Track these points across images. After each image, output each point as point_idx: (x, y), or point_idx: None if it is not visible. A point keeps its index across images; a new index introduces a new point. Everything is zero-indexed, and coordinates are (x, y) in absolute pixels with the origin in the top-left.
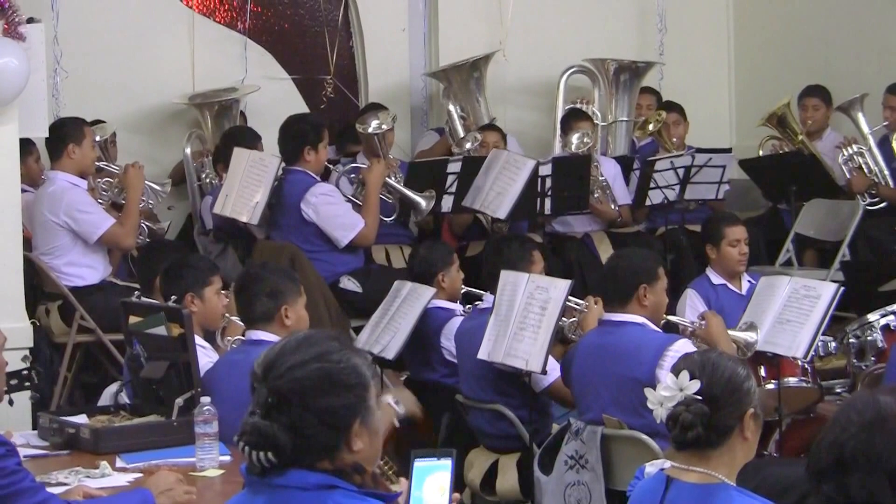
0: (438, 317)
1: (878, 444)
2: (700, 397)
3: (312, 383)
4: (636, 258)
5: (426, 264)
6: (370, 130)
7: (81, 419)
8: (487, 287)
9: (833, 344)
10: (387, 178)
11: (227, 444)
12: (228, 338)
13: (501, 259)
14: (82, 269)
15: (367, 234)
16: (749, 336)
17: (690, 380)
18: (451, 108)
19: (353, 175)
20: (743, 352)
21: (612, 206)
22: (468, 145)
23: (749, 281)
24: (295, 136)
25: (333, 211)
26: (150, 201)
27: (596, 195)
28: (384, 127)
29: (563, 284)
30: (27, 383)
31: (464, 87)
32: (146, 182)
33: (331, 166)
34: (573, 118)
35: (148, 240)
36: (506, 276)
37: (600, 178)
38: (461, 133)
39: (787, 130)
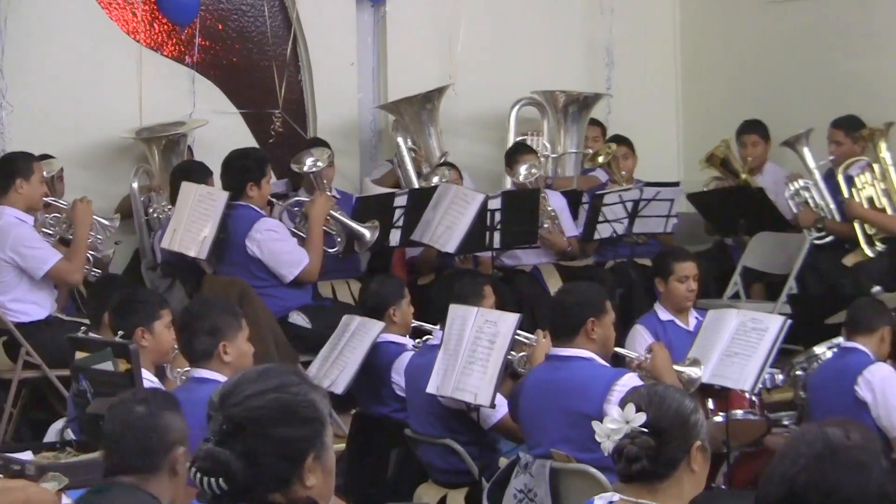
0: (390, 351)
1: (830, 475)
2: (646, 430)
3: (269, 413)
4: (584, 292)
5: (378, 298)
6: (305, 169)
7: (27, 456)
8: (438, 322)
9: (780, 376)
10: (330, 211)
11: None
12: (178, 370)
13: (453, 294)
14: (28, 305)
15: (311, 270)
16: (693, 371)
17: (637, 412)
18: (400, 140)
19: (296, 209)
20: (686, 387)
21: (562, 237)
22: (436, 180)
23: (696, 318)
24: (238, 172)
25: (279, 247)
26: (99, 236)
27: (546, 226)
28: (320, 164)
29: (512, 318)
30: None
31: (415, 119)
32: (94, 217)
33: (276, 201)
34: (518, 152)
35: (94, 269)
36: (454, 311)
37: (549, 209)
38: (410, 166)
39: (728, 171)
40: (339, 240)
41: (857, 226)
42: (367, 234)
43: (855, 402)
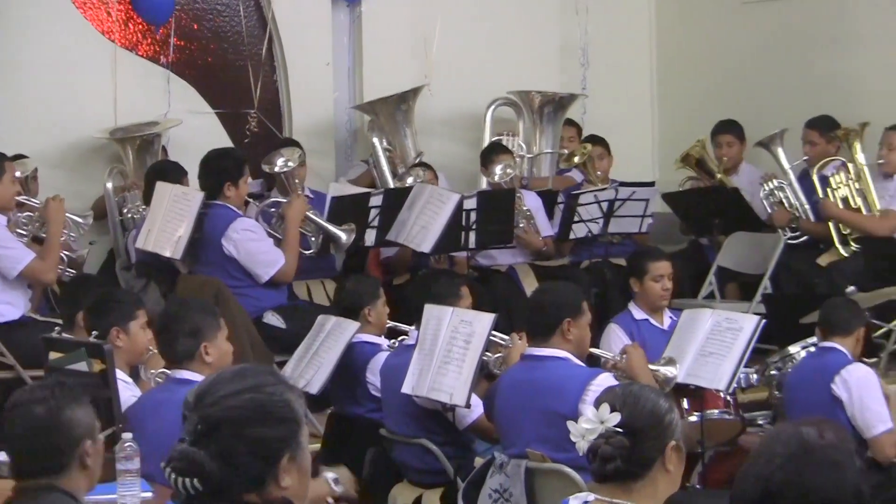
0: (365, 351)
1: (805, 475)
2: (621, 430)
3: (244, 413)
4: (561, 292)
5: (353, 298)
6: (276, 169)
7: (1, 456)
8: (413, 322)
9: (755, 376)
10: (307, 213)
11: (149, 481)
12: (152, 371)
13: (429, 294)
14: (2, 305)
15: (286, 271)
16: (668, 371)
17: (611, 412)
18: (376, 141)
19: (273, 209)
20: (662, 386)
21: (538, 236)
22: (410, 180)
23: (671, 317)
24: (216, 172)
25: (255, 247)
26: (72, 234)
27: (521, 225)
28: (290, 164)
29: (488, 318)
30: None
31: (390, 119)
32: (67, 214)
33: (252, 201)
34: (493, 152)
35: (69, 269)
36: (430, 311)
37: (524, 209)
38: (385, 166)
39: (703, 171)
40: (313, 239)
41: (831, 226)
42: (342, 236)
43: (831, 399)
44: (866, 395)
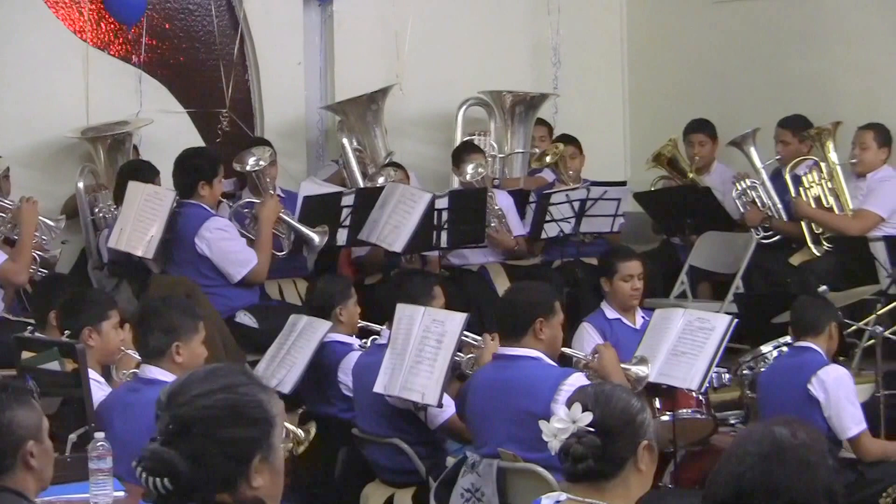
0: (336, 351)
1: (778, 474)
2: (593, 429)
3: (216, 413)
4: (533, 292)
5: (325, 297)
6: (248, 168)
7: None
8: (386, 321)
9: (727, 375)
10: (280, 214)
11: (121, 479)
12: (123, 371)
13: (402, 294)
14: None
15: (259, 271)
16: (640, 370)
17: (583, 412)
18: (345, 141)
19: (246, 210)
20: (634, 386)
21: (510, 235)
22: (381, 180)
23: (643, 317)
24: (190, 171)
25: (228, 247)
26: (44, 237)
27: (493, 224)
28: (262, 163)
29: (459, 318)
30: None
31: (360, 120)
32: (40, 218)
33: (225, 200)
34: (465, 151)
35: (41, 269)
36: (402, 310)
37: (496, 208)
38: (355, 167)
39: (675, 170)
40: (285, 240)
41: (804, 225)
42: (315, 238)
43: (808, 399)
44: (843, 396)
